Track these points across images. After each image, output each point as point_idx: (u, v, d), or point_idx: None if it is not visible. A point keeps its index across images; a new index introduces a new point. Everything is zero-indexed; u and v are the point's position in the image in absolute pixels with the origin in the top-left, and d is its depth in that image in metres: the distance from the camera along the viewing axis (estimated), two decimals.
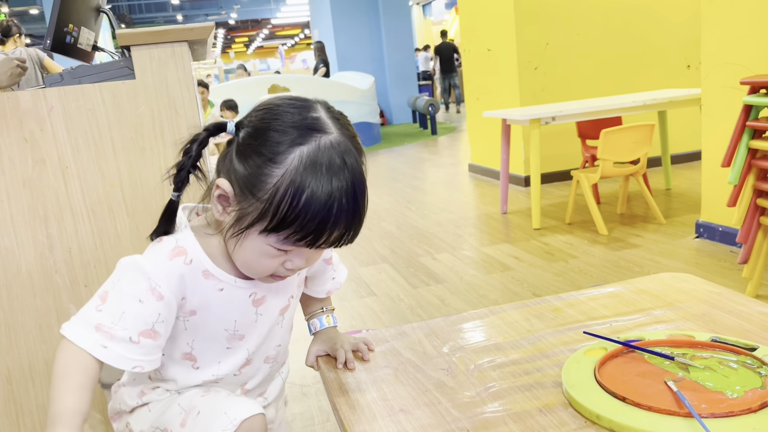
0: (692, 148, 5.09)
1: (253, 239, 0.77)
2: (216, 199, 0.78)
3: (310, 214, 0.73)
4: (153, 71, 1.54)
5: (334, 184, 0.73)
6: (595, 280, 2.99)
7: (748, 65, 2.97)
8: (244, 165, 0.75)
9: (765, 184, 2.41)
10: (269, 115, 0.77)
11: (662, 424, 0.69)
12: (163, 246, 0.82)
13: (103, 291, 0.80)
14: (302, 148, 0.73)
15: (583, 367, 0.83)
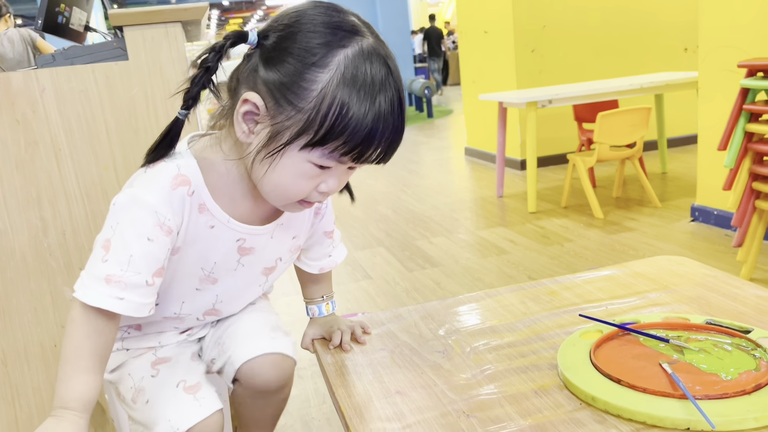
0: (688, 131, 5.09)
1: (292, 157, 0.69)
2: (242, 117, 0.70)
3: (362, 122, 0.67)
4: (146, 52, 1.52)
5: (382, 90, 0.68)
6: (590, 264, 3.00)
7: (746, 48, 2.96)
8: (278, 72, 0.67)
9: (761, 168, 2.41)
10: (302, 18, 0.69)
11: (657, 406, 0.69)
12: (163, 174, 0.74)
13: (104, 239, 0.71)
14: (346, 51, 0.67)
15: (578, 350, 0.83)
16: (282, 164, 0.70)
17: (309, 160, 0.70)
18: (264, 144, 0.70)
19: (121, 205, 0.73)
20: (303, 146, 0.68)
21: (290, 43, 0.68)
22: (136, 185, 0.74)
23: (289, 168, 0.70)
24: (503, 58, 5.27)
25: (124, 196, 0.73)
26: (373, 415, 0.76)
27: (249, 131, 0.71)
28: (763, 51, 2.81)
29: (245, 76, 0.71)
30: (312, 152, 0.69)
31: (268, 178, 0.72)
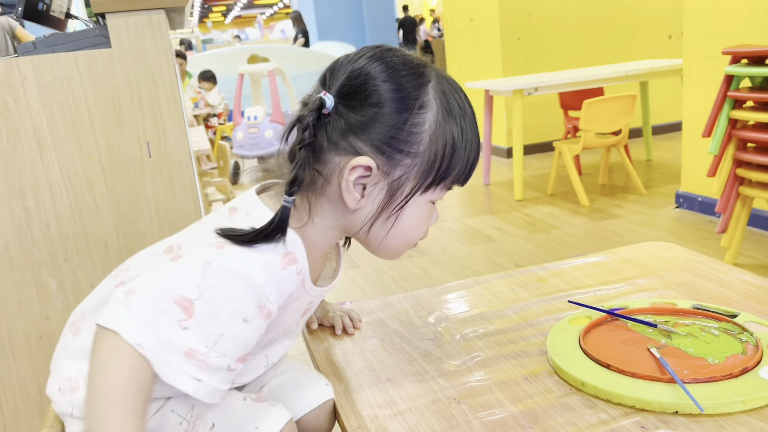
0: (673, 118, 5.13)
1: (414, 203, 0.68)
2: (352, 185, 0.65)
3: (470, 147, 0.68)
4: (129, 39, 1.50)
5: (468, 108, 0.69)
6: (576, 251, 3.02)
7: (730, 35, 2.97)
8: (381, 126, 0.64)
9: (744, 155, 2.44)
10: (380, 65, 0.65)
11: (645, 390, 0.70)
12: (273, 252, 0.64)
13: (181, 297, 0.59)
14: (431, 84, 0.66)
15: (567, 336, 0.84)
16: (406, 214, 0.68)
17: (429, 199, 0.70)
18: (384, 204, 0.67)
19: (218, 270, 0.61)
20: (426, 189, 0.68)
21: (383, 93, 0.64)
22: (236, 254, 0.62)
23: (414, 215, 0.69)
24: (489, 45, 5.27)
25: (223, 262, 0.61)
26: (363, 403, 0.76)
27: (362, 196, 0.66)
28: (747, 38, 2.83)
29: (330, 145, 0.65)
30: (435, 191, 0.69)
31: (392, 234, 0.69)
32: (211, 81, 6.00)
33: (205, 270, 0.60)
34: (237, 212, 0.69)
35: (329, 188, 0.67)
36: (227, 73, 6.93)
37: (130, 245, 1.59)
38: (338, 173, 0.65)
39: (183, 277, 0.61)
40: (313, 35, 11.43)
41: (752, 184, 2.47)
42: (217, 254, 0.61)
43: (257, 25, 25.73)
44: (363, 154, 0.64)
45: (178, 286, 0.60)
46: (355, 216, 0.68)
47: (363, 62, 0.66)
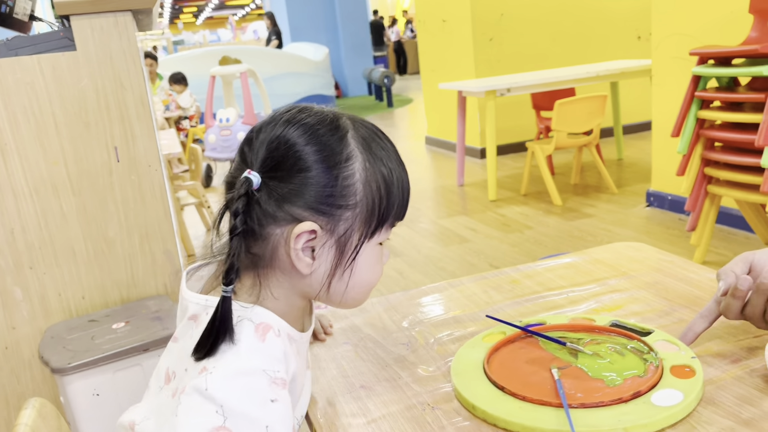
0: (643, 118, 5.21)
1: (365, 252, 0.69)
2: (301, 252, 0.65)
3: (401, 183, 0.69)
4: (95, 42, 1.47)
5: (389, 145, 0.70)
6: (550, 250, 3.04)
7: (697, 36, 3.03)
8: (314, 188, 0.64)
9: (712, 154, 2.48)
10: (297, 130, 0.66)
11: (532, 415, 0.67)
12: (243, 336, 0.63)
13: (213, 429, 0.59)
14: (349, 133, 0.67)
15: (475, 353, 0.81)
16: (360, 264, 0.69)
17: (377, 242, 0.70)
18: (337, 260, 0.67)
19: (219, 388, 0.60)
20: (372, 234, 0.68)
21: (307, 157, 0.64)
22: (220, 364, 0.62)
23: (367, 262, 0.69)
24: (462, 46, 5.29)
25: (215, 379, 0.60)
26: (337, 411, 0.75)
27: (313, 259, 0.66)
28: (713, 39, 2.88)
29: (266, 219, 0.65)
30: (380, 234, 0.69)
31: (352, 286, 0.69)
32: (182, 83, 5.93)
33: (207, 396, 0.60)
34: (198, 319, 0.67)
35: (278, 260, 0.67)
36: (199, 75, 6.86)
37: (98, 252, 1.56)
38: (284, 244, 0.65)
39: (198, 417, 0.60)
40: (286, 36, 11.37)
41: (720, 183, 2.51)
42: (207, 379, 0.61)
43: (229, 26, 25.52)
44: (303, 219, 0.65)
45: (201, 428, 0.59)
46: (312, 279, 0.68)
47: (279, 130, 0.66)
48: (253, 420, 0.59)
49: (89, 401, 1.38)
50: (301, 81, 8.78)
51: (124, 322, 1.48)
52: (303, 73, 8.88)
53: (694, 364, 0.74)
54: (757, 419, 0.65)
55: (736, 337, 0.82)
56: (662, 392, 0.69)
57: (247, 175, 0.64)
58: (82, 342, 1.41)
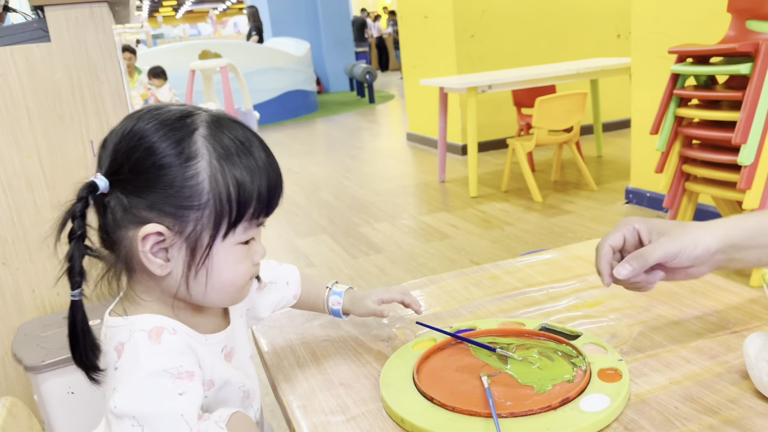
0: (622, 116, 5.25)
1: (221, 251, 0.67)
2: (150, 253, 0.65)
3: (260, 177, 0.66)
4: (70, 33, 1.44)
5: (250, 140, 0.67)
6: (530, 247, 3.05)
7: (676, 35, 3.05)
8: (157, 190, 0.64)
9: (690, 151, 2.50)
10: (138, 133, 0.65)
11: (460, 426, 0.66)
12: (139, 347, 0.65)
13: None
14: (198, 131, 0.65)
15: (405, 363, 0.79)
16: (217, 264, 0.67)
17: (236, 242, 0.68)
18: (189, 260, 0.66)
19: (126, 400, 0.61)
20: (225, 234, 0.66)
21: (148, 159, 0.64)
22: (125, 380, 0.63)
23: (224, 262, 0.68)
24: (443, 43, 5.29)
25: (121, 396, 0.61)
26: (316, 408, 0.74)
27: (165, 261, 0.66)
28: (692, 37, 2.91)
29: (116, 223, 0.65)
30: (236, 234, 0.67)
31: (211, 286, 0.68)
32: (162, 77, 5.86)
33: (119, 413, 0.61)
34: (124, 348, 0.66)
35: (137, 264, 0.67)
36: (178, 69, 6.78)
37: None
38: (135, 247, 0.65)
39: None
40: (267, 31, 11.29)
41: (697, 180, 2.54)
42: (114, 398, 0.62)
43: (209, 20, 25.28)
44: (149, 221, 0.64)
45: None
46: (170, 280, 0.67)
47: (124, 133, 0.66)
48: (166, 416, 0.61)
49: (64, 400, 1.35)
50: (282, 76, 8.72)
51: (99, 320, 1.45)
52: (284, 68, 8.83)
53: (620, 367, 0.74)
54: (735, 415, 0.65)
55: (713, 332, 0.82)
56: (590, 397, 0.69)
57: (93, 179, 0.64)
58: (56, 339, 1.39)
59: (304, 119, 8.79)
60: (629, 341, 0.83)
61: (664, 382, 0.72)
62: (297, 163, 5.76)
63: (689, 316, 0.88)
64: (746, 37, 2.45)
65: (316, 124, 8.35)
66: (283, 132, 7.73)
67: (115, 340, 0.66)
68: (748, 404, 0.66)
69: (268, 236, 3.97)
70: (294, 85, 8.93)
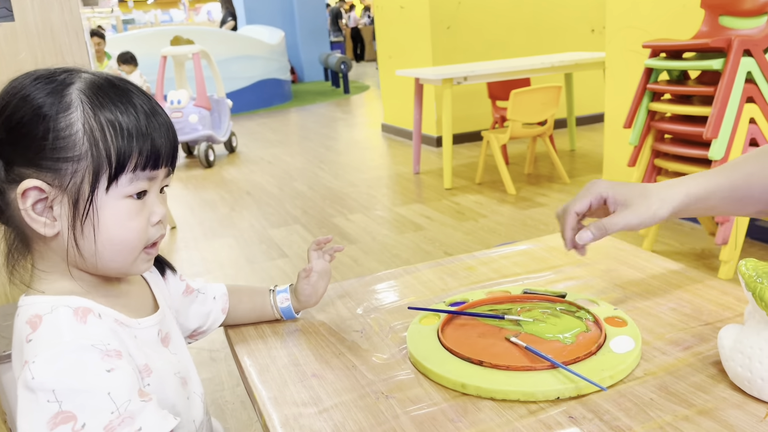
0: (596, 110, 5.30)
1: (107, 204, 0.64)
2: (33, 212, 0.62)
3: (140, 125, 0.64)
4: (35, 13, 1.39)
5: (130, 92, 0.66)
6: (503, 239, 3.06)
7: (650, 29, 3.08)
8: (31, 145, 0.62)
9: (662, 145, 2.53)
10: (10, 91, 0.64)
11: (526, 381, 0.69)
12: (61, 321, 0.62)
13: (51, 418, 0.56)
14: (74, 85, 0.63)
15: (425, 337, 0.81)
16: (103, 218, 0.64)
17: (123, 194, 0.65)
18: (72, 215, 0.63)
19: (44, 372, 0.57)
20: (108, 185, 0.64)
21: (18, 114, 0.62)
22: (41, 351, 0.59)
23: (112, 216, 0.64)
24: (419, 34, 5.27)
25: (39, 367, 0.57)
26: (288, 400, 0.72)
27: (51, 219, 0.63)
28: (665, 32, 2.93)
29: (2, 186, 0.63)
30: (120, 185, 0.64)
31: (101, 243, 0.65)
32: (132, 63, 5.74)
33: (34, 387, 0.57)
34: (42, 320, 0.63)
35: (27, 229, 0.64)
36: (149, 55, 6.64)
37: None
38: (19, 209, 0.63)
39: (32, 414, 0.57)
40: (241, 19, 11.14)
41: (669, 174, 2.57)
42: (30, 368, 0.58)
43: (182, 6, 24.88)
44: (27, 177, 0.62)
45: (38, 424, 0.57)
46: (59, 241, 0.65)
47: (3, 90, 0.65)
48: (91, 391, 0.58)
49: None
50: (255, 64, 8.61)
51: None
52: (258, 56, 8.72)
53: (621, 315, 0.81)
54: (711, 407, 0.65)
55: (687, 324, 0.83)
56: (616, 340, 0.75)
57: None
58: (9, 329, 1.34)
59: (277, 108, 8.70)
60: None
61: (639, 374, 0.72)
62: (270, 152, 5.70)
63: (663, 307, 0.88)
64: (719, 33, 2.48)
65: (290, 113, 8.27)
66: (257, 121, 7.64)
67: (29, 314, 0.63)
68: (722, 395, 0.67)
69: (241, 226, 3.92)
70: (268, 74, 8.83)
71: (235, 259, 3.13)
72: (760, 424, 0.62)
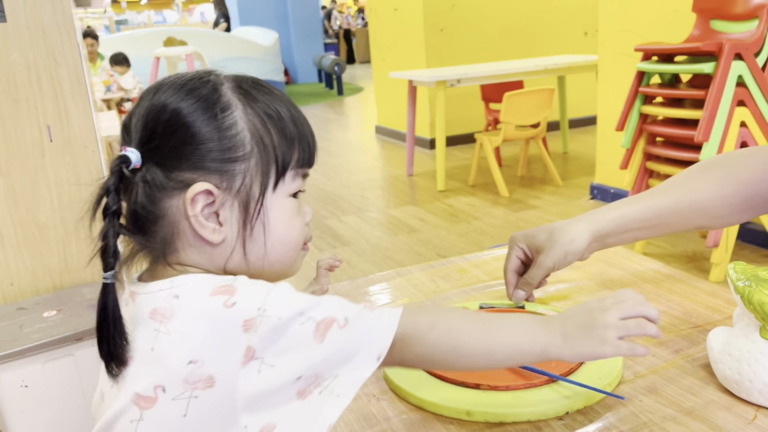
0: (588, 113, 5.31)
1: (275, 204, 0.63)
2: (202, 217, 0.60)
3: (295, 123, 0.64)
4: (27, 14, 1.38)
5: (276, 92, 0.66)
6: (496, 241, 3.07)
7: (642, 33, 3.10)
8: (199, 148, 0.60)
9: (654, 148, 2.54)
10: (165, 95, 0.62)
11: (532, 399, 0.67)
12: (251, 282, 0.59)
13: (321, 327, 0.55)
14: (224, 85, 0.63)
15: (404, 369, 0.75)
16: (273, 218, 0.63)
17: (287, 193, 0.64)
18: (243, 218, 0.62)
19: (285, 307, 0.55)
20: (276, 183, 0.63)
21: (180, 119, 0.60)
22: (263, 301, 0.56)
23: (281, 216, 0.63)
24: (413, 36, 5.28)
25: (276, 305, 0.55)
26: None
27: (218, 224, 0.61)
28: (657, 36, 2.95)
29: (156, 197, 0.60)
30: (285, 182, 0.63)
31: (271, 245, 0.63)
32: (125, 64, 5.72)
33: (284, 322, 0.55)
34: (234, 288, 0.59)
35: (185, 237, 0.62)
36: (142, 56, 6.63)
37: (28, 237, 1.47)
38: (183, 215, 0.60)
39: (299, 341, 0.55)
40: (234, 20, 11.12)
41: (661, 177, 2.58)
42: (270, 316, 0.55)
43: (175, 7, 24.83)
44: (195, 182, 0.60)
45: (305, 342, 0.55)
46: (225, 247, 0.62)
47: (149, 101, 0.62)
48: (329, 300, 0.57)
49: (17, 393, 1.31)
50: (249, 66, 8.60)
51: (56, 311, 1.40)
52: (251, 58, 8.71)
53: None
54: (699, 408, 0.65)
55: (677, 326, 0.83)
56: None
57: (123, 152, 0.60)
58: (9, 331, 1.34)
59: None
60: None
61: (629, 376, 0.72)
62: None
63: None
64: (710, 37, 2.50)
65: None
66: None
67: (211, 286, 0.57)
68: (711, 397, 0.67)
69: None
70: (262, 75, 8.77)
71: None
72: (748, 426, 0.62)
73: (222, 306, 0.56)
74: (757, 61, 2.27)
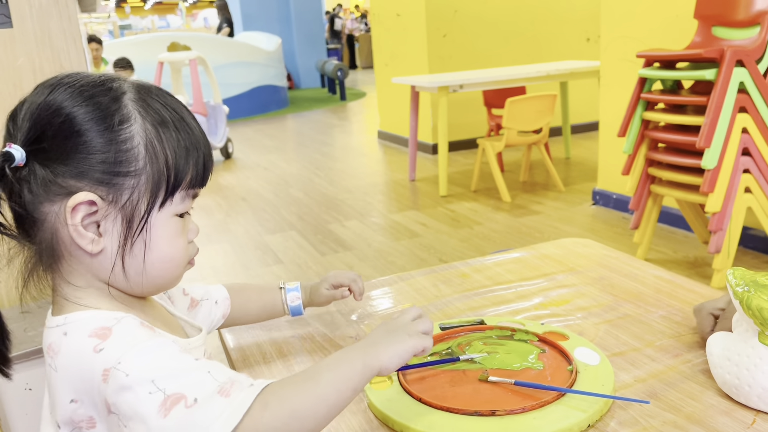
0: (590, 118, 5.32)
1: (158, 222, 0.61)
2: (81, 227, 0.58)
3: (194, 141, 0.62)
4: (33, 20, 1.39)
5: (179, 108, 0.63)
6: (498, 246, 3.07)
7: (644, 39, 3.10)
8: (89, 156, 0.58)
9: (656, 154, 2.55)
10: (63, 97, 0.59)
11: (548, 418, 0.65)
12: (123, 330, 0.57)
13: (167, 399, 0.53)
14: (126, 95, 0.60)
15: (395, 401, 0.71)
16: (155, 236, 0.61)
17: (173, 213, 0.63)
18: (125, 232, 0.60)
19: (139, 369, 0.54)
20: (163, 202, 0.61)
21: (75, 123, 0.57)
22: (122, 355, 0.55)
23: (164, 235, 0.62)
24: (416, 41, 5.29)
25: (131, 364, 0.54)
26: None
27: (97, 236, 0.59)
28: (659, 42, 2.96)
29: (37, 199, 0.58)
30: (173, 203, 0.62)
31: (150, 262, 0.62)
32: (128, 69, 5.74)
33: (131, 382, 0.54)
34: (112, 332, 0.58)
35: (64, 244, 0.59)
36: (146, 61, 6.65)
37: None
38: (63, 223, 0.58)
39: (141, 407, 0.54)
40: (238, 25, 11.16)
41: (662, 183, 2.58)
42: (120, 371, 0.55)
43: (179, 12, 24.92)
44: (78, 191, 0.58)
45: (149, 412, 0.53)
46: (103, 259, 0.60)
47: (43, 96, 0.59)
48: (189, 370, 0.56)
49: (21, 396, 1.31)
50: (252, 71, 8.63)
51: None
52: (254, 63, 8.73)
53: (555, 329, 0.83)
54: (699, 413, 0.66)
55: (677, 332, 0.84)
56: (578, 351, 0.76)
57: (7, 149, 0.56)
58: (13, 334, 1.34)
59: (274, 115, 8.71)
60: (596, 339, 0.83)
61: (629, 380, 0.73)
62: (266, 158, 5.71)
63: (654, 315, 0.89)
64: (712, 43, 2.50)
65: (287, 120, 8.28)
66: (253, 127, 7.65)
67: (90, 327, 0.57)
68: (710, 402, 0.67)
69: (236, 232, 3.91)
70: (264, 80, 8.84)
71: (231, 265, 3.13)
72: (747, 430, 0.63)
73: (92, 350, 0.55)
74: (758, 67, 2.28)
